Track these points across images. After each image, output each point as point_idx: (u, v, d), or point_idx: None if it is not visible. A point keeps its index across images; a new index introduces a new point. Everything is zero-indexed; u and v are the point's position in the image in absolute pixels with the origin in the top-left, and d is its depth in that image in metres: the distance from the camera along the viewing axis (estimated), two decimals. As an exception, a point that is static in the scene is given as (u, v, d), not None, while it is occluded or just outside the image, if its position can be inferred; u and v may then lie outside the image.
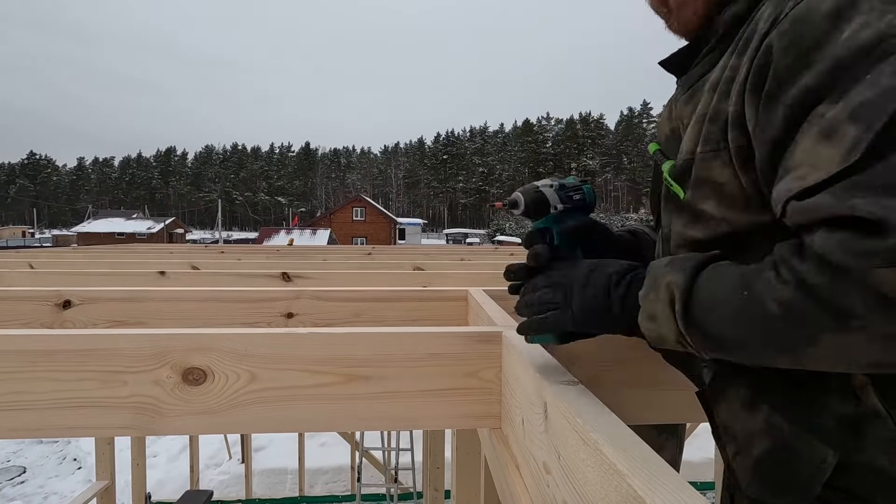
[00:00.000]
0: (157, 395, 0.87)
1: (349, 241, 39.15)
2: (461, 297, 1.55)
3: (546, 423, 0.64)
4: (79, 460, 6.38)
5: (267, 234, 35.69)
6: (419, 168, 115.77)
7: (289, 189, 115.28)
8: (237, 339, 0.89)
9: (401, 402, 0.91)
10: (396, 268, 2.71)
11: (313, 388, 0.90)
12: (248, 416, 0.89)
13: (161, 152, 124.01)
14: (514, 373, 0.84)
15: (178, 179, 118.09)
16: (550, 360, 0.76)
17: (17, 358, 0.85)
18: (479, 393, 0.93)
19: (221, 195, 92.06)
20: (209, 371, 0.88)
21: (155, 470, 5.38)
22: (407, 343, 0.91)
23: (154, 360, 0.87)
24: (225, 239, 43.93)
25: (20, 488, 5.73)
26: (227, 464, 5.66)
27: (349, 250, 5.30)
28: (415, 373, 0.92)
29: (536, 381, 0.69)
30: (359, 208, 44.99)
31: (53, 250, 4.77)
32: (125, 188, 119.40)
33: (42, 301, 1.47)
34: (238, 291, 1.51)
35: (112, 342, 0.87)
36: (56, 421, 0.86)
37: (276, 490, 5.39)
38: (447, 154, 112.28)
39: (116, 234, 42.62)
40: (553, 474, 0.60)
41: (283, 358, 0.89)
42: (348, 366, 0.90)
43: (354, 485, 4.92)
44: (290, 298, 1.51)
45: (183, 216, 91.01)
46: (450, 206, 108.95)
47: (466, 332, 0.94)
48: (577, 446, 0.52)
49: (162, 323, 1.46)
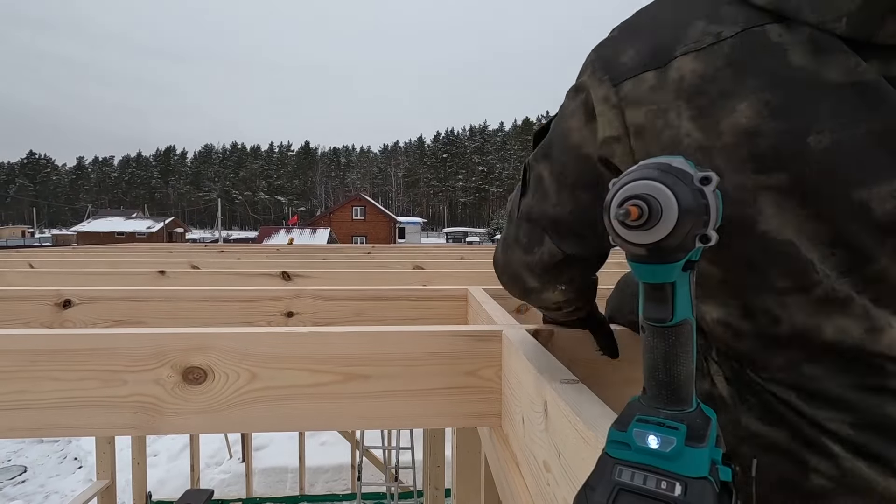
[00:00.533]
0: (157, 395, 0.88)
1: (349, 239, 39.16)
2: (461, 296, 1.55)
3: (546, 421, 0.64)
4: (79, 459, 6.38)
5: (267, 234, 35.68)
6: (419, 167, 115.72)
7: (288, 188, 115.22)
8: (237, 339, 0.89)
9: (401, 401, 0.92)
10: (396, 267, 2.71)
11: (313, 386, 0.90)
12: (249, 415, 0.89)
13: (160, 151, 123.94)
14: (514, 371, 0.84)
15: (178, 179, 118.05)
16: (551, 359, 0.76)
17: (17, 357, 0.85)
18: (480, 392, 0.93)
19: (221, 194, 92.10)
20: (209, 370, 0.88)
21: (155, 469, 5.38)
22: (407, 342, 0.91)
23: (154, 360, 0.87)
24: (225, 238, 43.94)
25: (21, 487, 5.74)
26: (228, 462, 5.67)
27: (349, 249, 5.30)
28: (415, 371, 0.92)
29: (537, 380, 0.69)
30: (358, 207, 44.97)
31: (53, 250, 4.77)
32: (125, 187, 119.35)
33: (42, 300, 1.47)
34: (238, 291, 1.51)
35: (112, 342, 0.87)
36: (56, 420, 0.86)
37: (277, 489, 5.40)
38: (447, 153, 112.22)
39: (116, 233, 42.61)
40: (553, 473, 0.60)
41: (284, 357, 0.89)
42: (348, 365, 0.90)
43: (355, 483, 4.93)
44: (290, 297, 1.51)
45: (183, 215, 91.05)
46: (449, 204, 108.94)
47: (466, 330, 0.94)
48: (578, 445, 0.52)
49: (162, 322, 1.46)
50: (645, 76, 0.51)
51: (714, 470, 0.36)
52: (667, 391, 0.39)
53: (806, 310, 0.48)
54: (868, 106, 0.43)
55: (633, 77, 0.52)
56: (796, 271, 0.48)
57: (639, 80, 0.52)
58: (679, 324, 0.38)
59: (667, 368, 0.39)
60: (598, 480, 0.38)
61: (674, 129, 0.50)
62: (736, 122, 0.47)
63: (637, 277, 0.38)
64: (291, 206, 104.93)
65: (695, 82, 0.49)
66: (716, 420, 0.40)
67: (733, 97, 0.47)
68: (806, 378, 0.50)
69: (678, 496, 0.34)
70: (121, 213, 53.01)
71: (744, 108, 0.47)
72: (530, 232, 0.67)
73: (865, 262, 0.45)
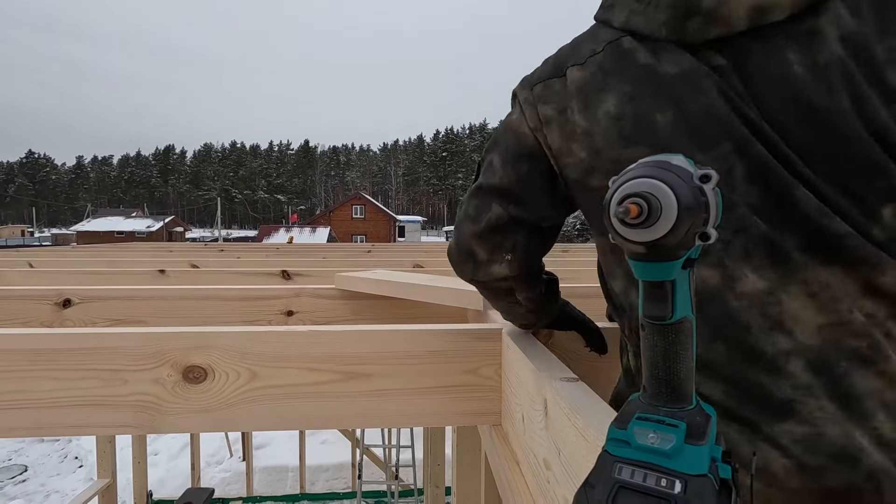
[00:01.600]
0: (157, 394, 0.88)
1: (349, 238, 39.14)
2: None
3: (546, 419, 0.64)
4: (80, 459, 6.38)
5: (266, 232, 35.67)
6: (418, 165, 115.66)
7: (288, 187, 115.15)
8: (237, 338, 0.89)
9: (401, 400, 0.92)
10: (397, 265, 2.71)
11: (313, 385, 0.90)
12: (249, 414, 0.89)
13: (160, 150, 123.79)
14: (514, 370, 0.84)
15: (177, 178, 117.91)
16: (551, 358, 0.76)
17: (17, 357, 0.85)
18: (480, 390, 0.93)
19: (220, 193, 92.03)
20: (209, 369, 0.88)
21: (156, 468, 5.38)
22: (407, 341, 0.91)
23: (154, 359, 0.87)
24: (224, 237, 43.90)
25: (22, 487, 5.74)
26: (228, 461, 5.67)
27: (349, 248, 5.29)
28: (415, 370, 0.92)
29: (537, 378, 0.69)
30: (358, 206, 44.93)
31: (53, 249, 4.77)
32: (124, 187, 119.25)
33: (42, 300, 1.47)
34: (238, 290, 1.51)
35: (112, 341, 0.87)
36: (57, 419, 0.86)
37: (278, 487, 5.40)
38: (446, 151, 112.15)
39: (116, 232, 42.57)
40: (553, 470, 0.60)
41: (284, 356, 0.89)
42: (348, 363, 0.90)
43: (355, 482, 4.93)
44: (289, 296, 1.51)
45: (182, 214, 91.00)
46: (449, 203, 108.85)
47: (466, 329, 0.94)
48: (578, 443, 0.52)
49: (162, 321, 1.46)
50: (550, 82, 0.69)
51: (714, 467, 0.36)
52: (666, 389, 0.39)
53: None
54: (692, 89, 0.57)
55: (542, 82, 0.70)
56: None
57: (545, 85, 0.70)
58: (679, 321, 0.38)
59: (666, 366, 0.38)
60: (598, 478, 0.38)
61: (571, 123, 0.66)
62: (607, 110, 0.62)
63: (637, 275, 0.38)
64: (291, 205, 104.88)
65: (580, 85, 0.65)
66: (715, 417, 0.40)
67: (604, 91, 0.63)
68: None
69: (678, 493, 0.34)
70: (120, 213, 52.99)
71: (610, 98, 0.62)
72: (479, 204, 0.78)
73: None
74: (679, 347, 0.38)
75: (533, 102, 0.71)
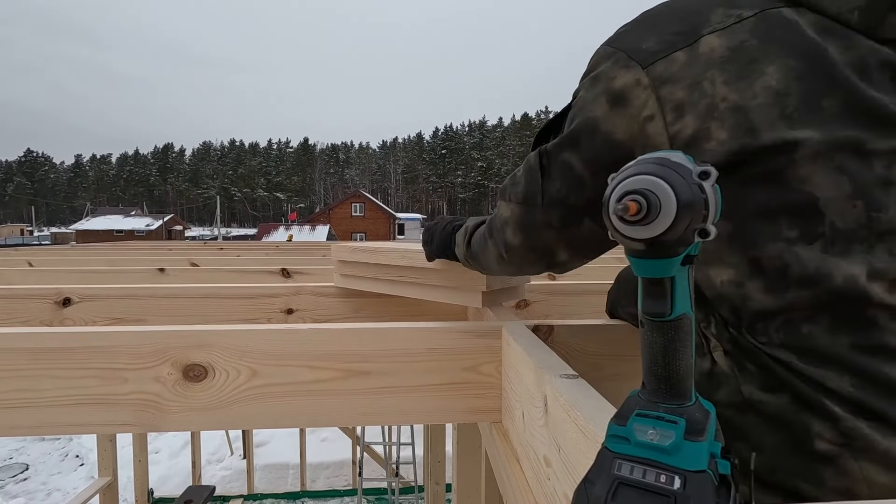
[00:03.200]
0: (158, 392, 0.88)
1: (348, 236, 39.12)
2: (461, 292, 1.55)
3: (546, 416, 0.64)
4: (81, 457, 6.40)
5: (266, 231, 35.65)
6: (418, 163, 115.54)
7: (287, 185, 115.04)
8: (237, 336, 0.89)
9: (401, 397, 0.92)
10: (396, 263, 2.71)
11: (314, 383, 0.90)
12: (250, 412, 0.89)
13: (158, 149, 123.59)
14: (514, 367, 0.84)
15: (176, 176, 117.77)
16: (550, 354, 0.76)
17: (17, 356, 0.85)
18: (480, 387, 0.93)
19: (220, 191, 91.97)
20: (210, 367, 0.88)
21: (157, 466, 5.39)
22: (407, 338, 0.92)
23: (155, 357, 0.87)
24: (224, 235, 43.89)
25: (23, 485, 5.75)
26: (229, 459, 5.68)
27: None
28: (415, 368, 0.92)
29: (537, 375, 0.70)
30: (358, 204, 44.90)
31: (52, 248, 4.76)
32: (123, 185, 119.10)
33: (42, 299, 1.47)
34: (238, 288, 1.51)
35: (112, 339, 0.87)
36: (57, 418, 0.86)
37: (278, 485, 5.41)
38: (446, 149, 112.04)
39: (115, 231, 42.53)
40: (554, 467, 0.60)
41: (284, 354, 0.89)
42: (348, 361, 0.91)
43: (356, 479, 4.95)
44: (289, 294, 1.51)
45: (181, 213, 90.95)
46: (449, 200, 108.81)
47: (466, 326, 0.94)
48: (578, 440, 0.52)
49: (162, 320, 1.46)
50: (675, 56, 0.57)
51: (713, 463, 0.36)
52: (666, 385, 0.39)
53: (814, 257, 0.51)
54: (867, 81, 0.51)
55: (664, 58, 0.57)
56: (807, 222, 0.51)
57: (669, 61, 0.57)
58: (678, 318, 0.38)
59: (666, 363, 0.39)
60: (598, 474, 0.38)
61: (708, 97, 0.55)
62: (767, 84, 0.53)
63: (636, 272, 0.38)
64: (290, 203, 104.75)
65: (724, 53, 0.55)
66: (715, 414, 0.40)
67: (762, 62, 0.54)
68: (804, 337, 0.52)
69: (677, 489, 0.35)
70: (119, 211, 52.95)
71: (773, 71, 0.53)
72: (567, 215, 0.71)
73: (879, 210, 0.50)
74: (678, 344, 0.38)
75: (650, 86, 0.58)
